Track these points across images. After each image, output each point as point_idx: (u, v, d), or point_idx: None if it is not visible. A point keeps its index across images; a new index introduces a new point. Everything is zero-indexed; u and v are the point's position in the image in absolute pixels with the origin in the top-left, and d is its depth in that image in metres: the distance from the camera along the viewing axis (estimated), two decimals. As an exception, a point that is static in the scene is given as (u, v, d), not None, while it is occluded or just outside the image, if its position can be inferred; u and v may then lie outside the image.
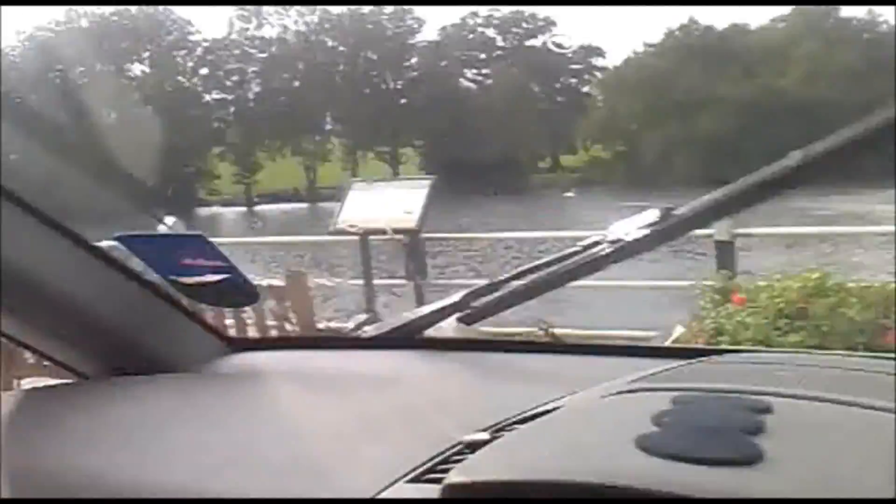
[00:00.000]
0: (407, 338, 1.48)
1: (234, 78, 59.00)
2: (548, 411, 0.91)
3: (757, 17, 62.98)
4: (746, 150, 46.55)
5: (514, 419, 0.93)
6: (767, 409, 0.76)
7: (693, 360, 1.13)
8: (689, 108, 48.42)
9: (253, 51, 59.13)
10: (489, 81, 60.01)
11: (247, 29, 59.62)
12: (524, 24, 62.02)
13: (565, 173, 54.71)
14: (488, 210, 29.08)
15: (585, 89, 61.76)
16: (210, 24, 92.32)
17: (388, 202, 7.85)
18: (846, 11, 53.60)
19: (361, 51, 57.79)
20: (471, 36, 62.10)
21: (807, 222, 22.31)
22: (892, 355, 1.24)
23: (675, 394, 0.83)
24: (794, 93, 47.49)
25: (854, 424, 0.78)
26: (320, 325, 4.78)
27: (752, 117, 46.79)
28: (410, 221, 7.66)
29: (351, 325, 5.08)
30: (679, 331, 4.24)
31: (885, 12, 52.98)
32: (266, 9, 59.72)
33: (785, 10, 55.44)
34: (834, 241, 13.39)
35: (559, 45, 61.12)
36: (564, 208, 37.22)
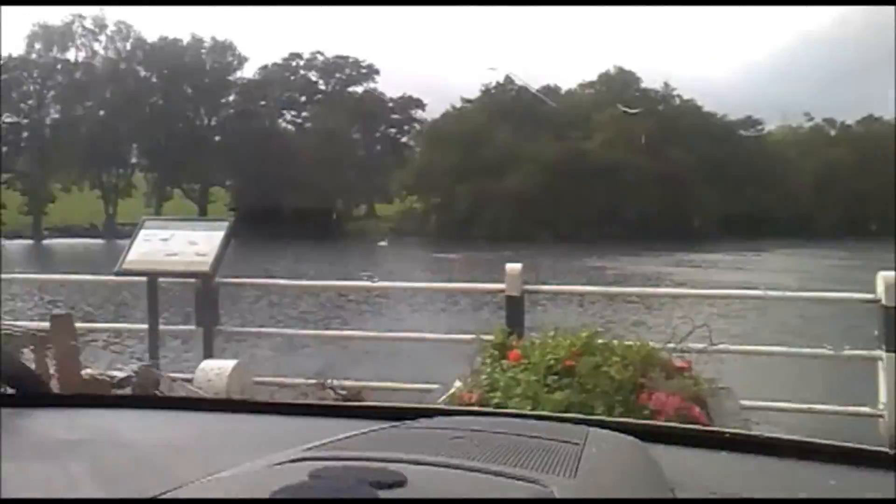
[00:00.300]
0: (116, 396, 1.40)
1: (31, 101, 55.13)
2: (217, 479, 0.88)
3: (567, 80, 67.37)
4: (551, 207, 49.31)
5: (177, 486, 0.89)
6: (398, 483, 0.77)
7: (391, 425, 1.14)
8: (500, 165, 50.58)
9: (54, 74, 55.65)
10: (308, 125, 59.87)
11: (49, 49, 56.11)
12: (347, 70, 62.60)
13: (380, 222, 55.29)
14: (300, 255, 28.71)
15: (404, 140, 63.11)
16: (6, 41, 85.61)
17: (181, 243, 7.51)
18: (646, 83, 58.53)
19: (176, 83, 55.85)
20: (292, 77, 61.82)
21: (601, 280, 23.92)
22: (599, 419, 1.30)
23: (319, 465, 0.83)
24: (597, 155, 50.90)
25: (480, 493, 0.80)
26: (86, 374, 4.45)
27: (557, 176, 49.58)
28: (204, 265, 7.35)
29: (121, 374, 4.76)
30: (457, 385, 4.30)
31: (680, 86, 58.39)
32: (74, 29, 56.62)
33: (592, 76, 59.79)
34: (621, 299, 14.30)
35: (381, 94, 62.23)
36: (377, 257, 37.44)
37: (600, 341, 4.26)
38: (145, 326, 7.87)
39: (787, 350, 6.27)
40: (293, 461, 0.88)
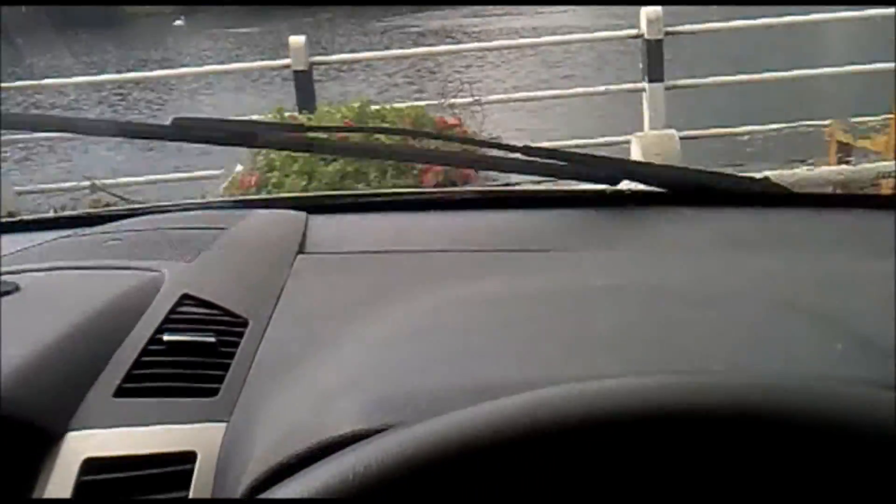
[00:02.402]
0: None
1: None
2: None
3: None
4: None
5: None
6: (7, 291, 0.85)
7: (68, 233, 1.19)
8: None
9: None
10: None
11: None
12: None
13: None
14: (77, 48, 26.12)
15: None
16: None
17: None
18: None
19: None
20: None
21: (405, 39, 23.53)
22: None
23: None
24: None
25: (89, 288, 0.90)
26: None
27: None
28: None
29: None
30: (238, 168, 4.31)
31: None
32: None
33: None
34: (422, 59, 14.21)
35: None
36: (169, 38, 34.73)
37: (374, 108, 4.35)
38: None
39: (558, 92, 6.62)
40: None
